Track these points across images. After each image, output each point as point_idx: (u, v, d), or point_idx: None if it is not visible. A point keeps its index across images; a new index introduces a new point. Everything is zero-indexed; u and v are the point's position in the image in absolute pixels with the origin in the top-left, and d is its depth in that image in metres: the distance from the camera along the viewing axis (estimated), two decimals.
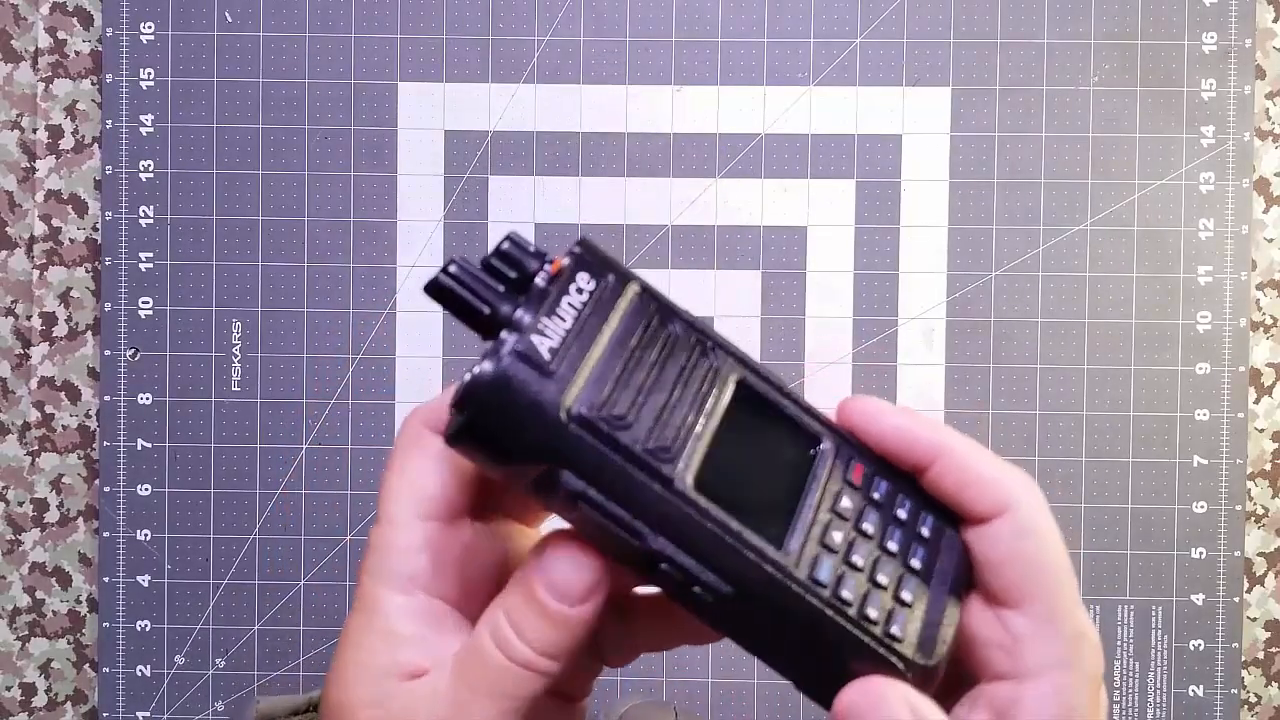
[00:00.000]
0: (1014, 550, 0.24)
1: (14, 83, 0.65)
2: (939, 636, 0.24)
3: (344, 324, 0.64)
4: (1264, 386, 0.65)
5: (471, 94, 0.64)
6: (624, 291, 0.24)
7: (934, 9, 0.64)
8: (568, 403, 0.22)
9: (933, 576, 0.25)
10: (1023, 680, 0.24)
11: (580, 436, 0.22)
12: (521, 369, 0.22)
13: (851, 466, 0.25)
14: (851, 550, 0.24)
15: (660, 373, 0.24)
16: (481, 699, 0.24)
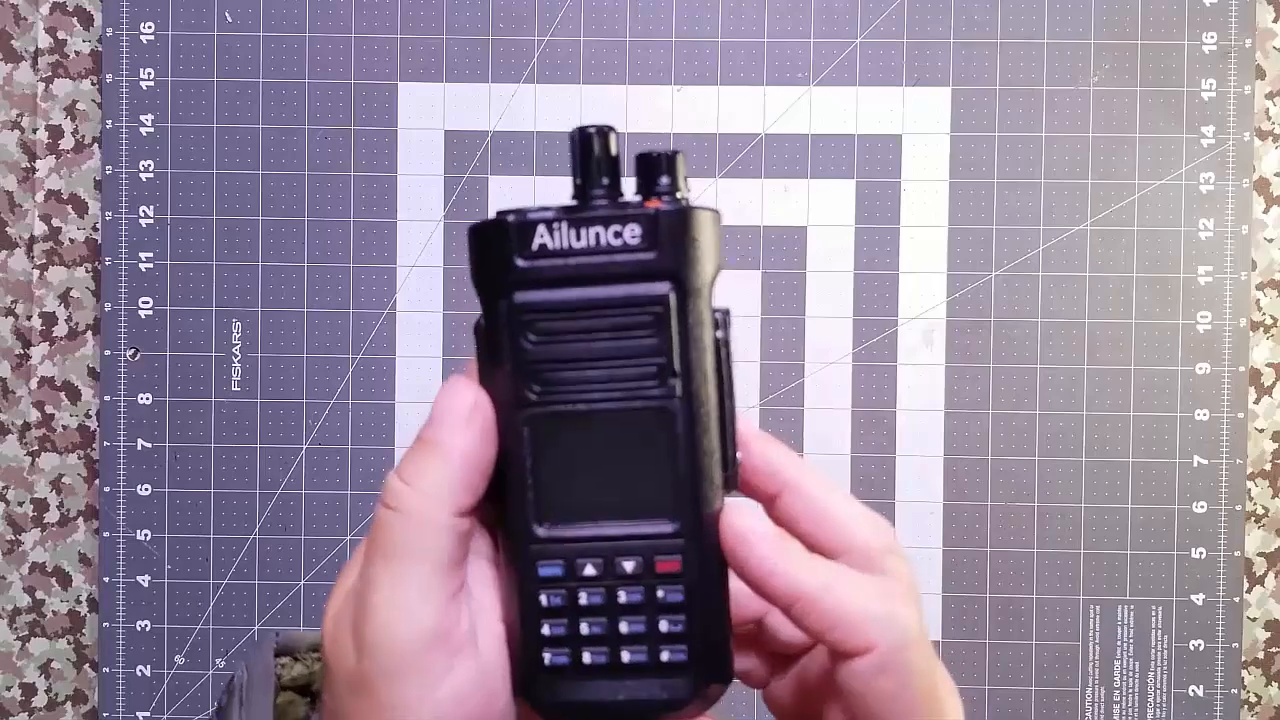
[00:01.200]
0: (871, 686, 0.25)
1: (14, 83, 0.65)
2: (571, 703, 0.25)
3: (344, 324, 0.64)
4: (1264, 386, 0.65)
5: (471, 94, 0.64)
6: (650, 277, 0.25)
7: (934, 9, 0.64)
8: (514, 283, 0.25)
9: (624, 678, 0.25)
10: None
11: (500, 311, 0.25)
12: (508, 233, 0.25)
13: (669, 558, 0.25)
14: (585, 587, 0.25)
15: (605, 343, 0.25)
16: (378, 557, 0.24)
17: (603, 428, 0.25)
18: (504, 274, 0.25)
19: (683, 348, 0.25)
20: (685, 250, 0.24)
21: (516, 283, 0.25)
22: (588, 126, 0.26)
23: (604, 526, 0.25)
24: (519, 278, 0.25)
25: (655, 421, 0.25)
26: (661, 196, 0.25)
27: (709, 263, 0.25)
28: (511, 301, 0.25)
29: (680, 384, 0.25)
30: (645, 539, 0.25)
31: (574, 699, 0.25)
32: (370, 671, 0.24)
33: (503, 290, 0.25)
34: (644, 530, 0.25)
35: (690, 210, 0.25)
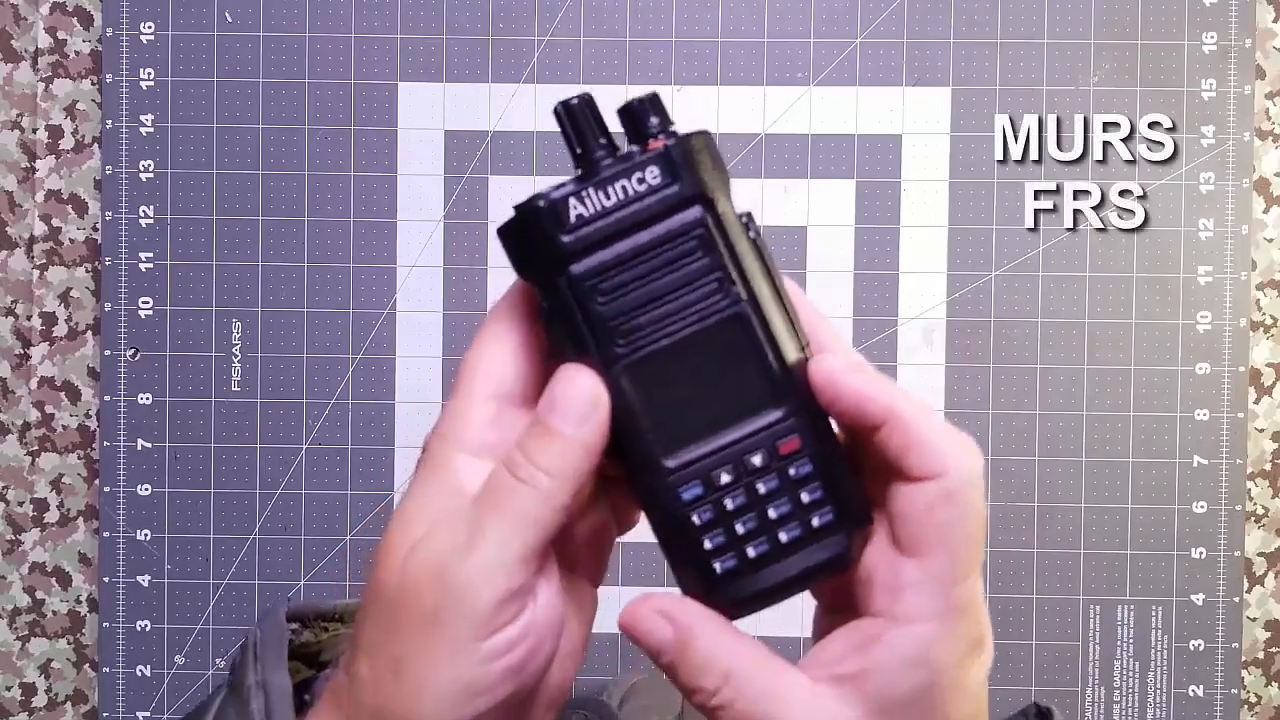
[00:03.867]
0: (930, 511, 0.26)
1: (14, 83, 0.65)
2: (753, 594, 0.27)
3: (344, 324, 0.64)
4: (1264, 386, 0.65)
5: (471, 94, 0.64)
6: (681, 206, 0.26)
7: (934, 9, 0.64)
8: (567, 260, 0.26)
9: (789, 555, 0.27)
10: (893, 622, 0.26)
11: (561, 292, 0.26)
12: (544, 217, 0.26)
13: (789, 438, 0.27)
14: (727, 493, 0.27)
15: (664, 279, 0.26)
16: (495, 521, 0.25)
17: (689, 353, 0.27)
18: (554, 254, 0.26)
19: (731, 257, 0.27)
20: (701, 172, 0.27)
21: (568, 257, 0.26)
22: (568, 100, 0.27)
23: (723, 435, 0.27)
24: (569, 252, 0.26)
25: (732, 329, 0.27)
26: (658, 135, 0.27)
27: (722, 175, 0.27)
28: (570, 275, 0.26)
29: (740, 288, 0.27)
30: (761, 431, 0.27)
31: (756, 590, 0.27)
32: (445, 611, 0.25)
33: (558, 269, 0.26)
34: (757, 424, 0.27)
35: (690, 137, 0.27)
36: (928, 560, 0.26)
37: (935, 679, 0.26)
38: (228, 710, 0.28)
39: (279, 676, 0.28)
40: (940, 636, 0.26)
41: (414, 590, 0.26)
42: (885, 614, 0.26)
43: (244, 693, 0.28)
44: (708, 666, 0.26)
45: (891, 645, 0.26)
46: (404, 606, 0.26)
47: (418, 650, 0.25)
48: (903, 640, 0.26)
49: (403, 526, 0.26)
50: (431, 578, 0.25)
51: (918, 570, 0.26)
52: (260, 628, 0.30)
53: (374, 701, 0.26)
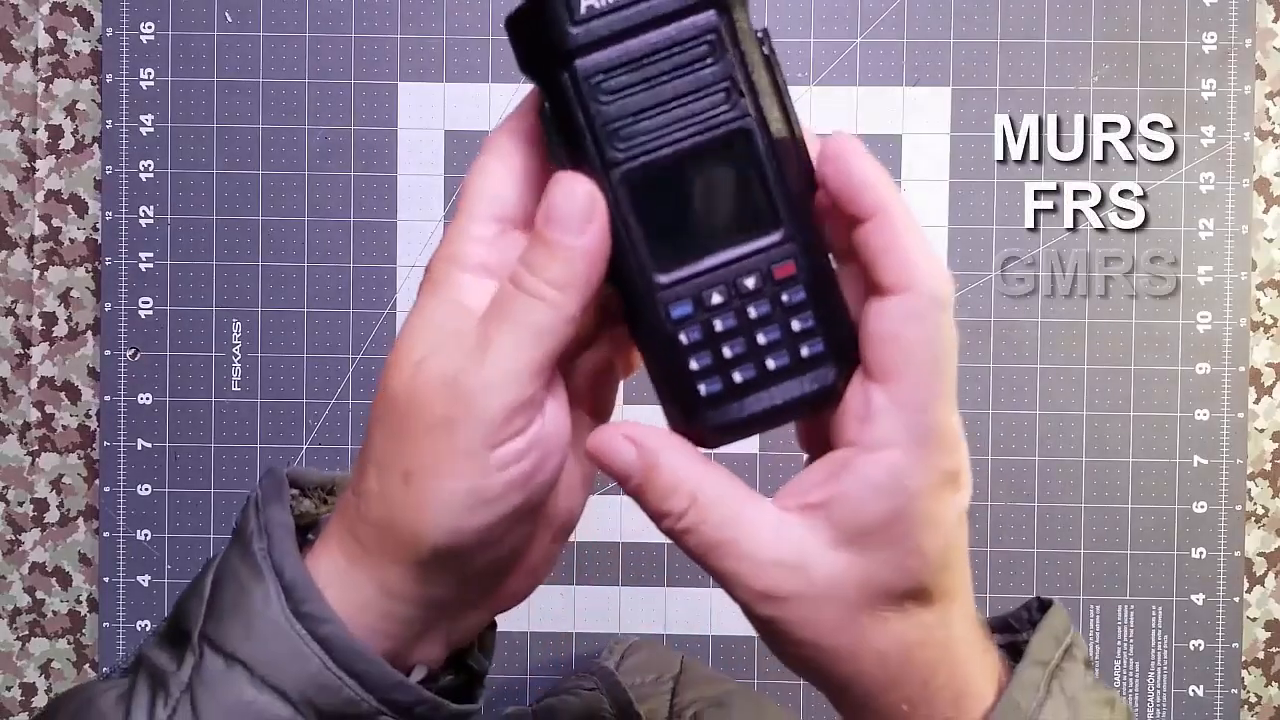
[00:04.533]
0: (898, 329, 0.25)
1: (14, 83, 0.65)
2: (736, 421, 0.27)
3: (344, 324, 0.64)
4: (1264, 386, 0.65)
5: (471, 94, 0.64)
6: (697, 9, 0.25)
7: (934, 9, 0.64)
8: (573, 52, 0.25)
9: (775, 384, 0.27)
10: (863, 449, 0.26)
11: (566, 84, 0.25)
12: (557, 3, 0.25)
13: (784, 263, 0.26)
14: (717, 314, 0.26)
15: (670, 85, 0.26)
16: (503, 331, 0.26)
17: (691, 164, 0.26)
18: (561, 45, 0.25)
19: (742, 67, 0.26)
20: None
21: (575, 50, 0.25)
22: None
23: (718, 255, 0.26)
24: (576, 44, 0.25)
25: (737, 142, 0.26)
26: None
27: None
28: (574, 69, 0.25)
29: (749, 101, 0.26)
30: (757, 254, 0.26)
31: (739, 417, 0.27)
32: (456, 420, 0.26)
33: (564, 61, 0.25)
34: (753, 247, 0.26)
35: None
36: (896, 385, 0.25)
37: (904, 506, 0.25)
38: (231, 555, 0.28)
39: (280, 514, 0.28)
40: (909, 463, 0.25)
41: (425, 400, 0.26)
42: (855, 442, 0.26)
43: (246, 537, 0.28)
44: (674, 490, 0.27)
45: (859, 471, 0.26)
46: (414, 417, 0.26)
47: (428, 459, 0.26)
48: (870, 467, 0.25)
49: (409, 342, 0.27)
50: (442, 387, 0.26)
51: (886, 396, 0.25)
52: (261, 485, 0.30)
53: (382, 513, 0.27)
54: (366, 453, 0.27)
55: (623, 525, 0.63)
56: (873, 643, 0.26)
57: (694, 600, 0.63)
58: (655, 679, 0.53)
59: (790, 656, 0.28)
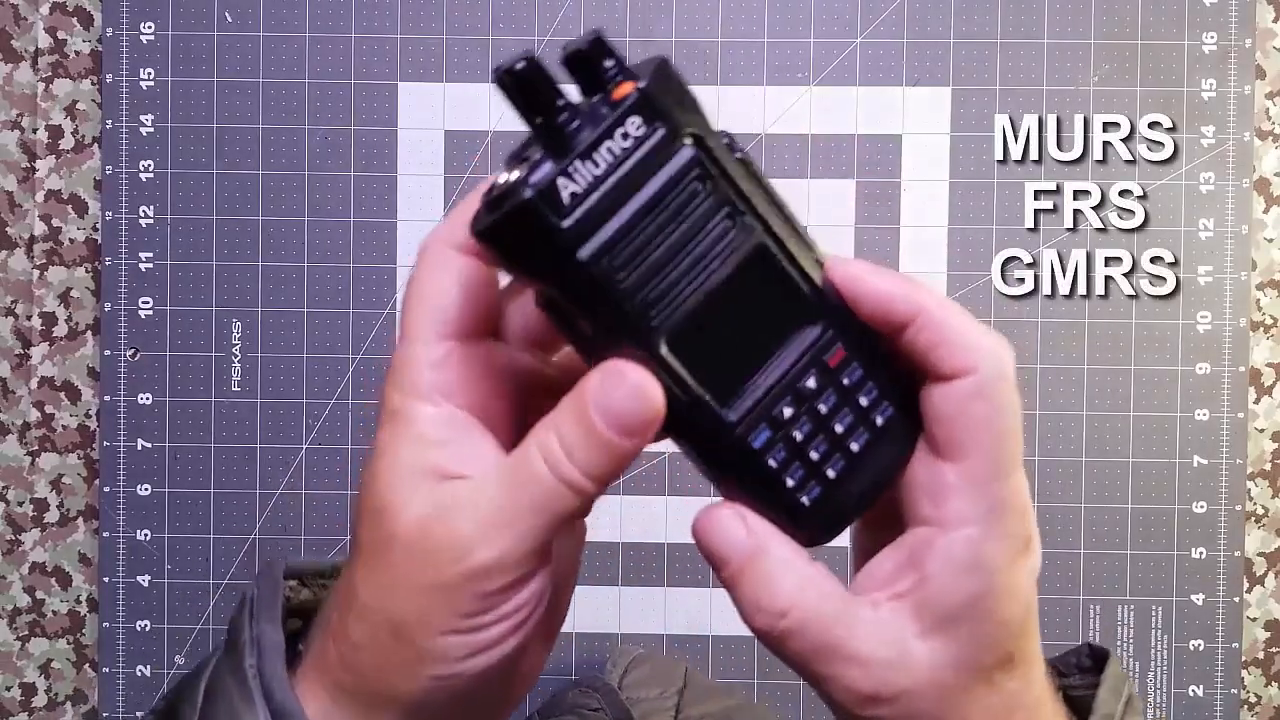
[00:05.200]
0: (963, 409, 0.25)
1: (14, 83, 0.65)
2: (846, 512, 0.27)
3: (344, 324, 0.64)
4: (1264, 386, 0.65)
5: (471, 94, 0.64)
6: (669, 146, 0.25)
7: (934, 9, 0.64)
8: (573, 246, 0.24)
9: (865, 463, 0.27)
10: (941, 528, 0.26)
11: (575, 283, 0.24)
12: (537, 206, 0.23)
13: (834, 350, 0.26)
14: (793, 426, 0.26)
15: (675, 233, 0.25)
16: (526, 513, 0.25)
17: (723, 297, 0.25)
18: (561, 245, 0.24)
19: (733, 187, 0.25)
20: (677, 106, 0.25)
21: (573, 243, 0.24)
22: (512, 65, 0.24)
23: (772, 370, 0.26)
24: (576, 237, 0.24)
25: (756, 259, 0.26)
26: (617, 79, 0.25)
27: (693, 100, 0.26)
28: (581, 262, 0.24)
29: (751, 217, 0.25)
30: (806, 352, 0.26)
31: (845, 507, 0.27)
32: (461, 586, 0.25)
33: (567, 258, 0.24)
34: (801, 348, 0.26)
35: (655, 70, 0.25)
36: (966, 461, 0.25)
37: (988, 582, 0.25)
38: (222, 668, 0.28)
39: (273, 632, 0.28)
40: (988, 538, 0.25)
41: (422, 561, 0.25)
42: (931, 521, 0.26)
43: (239, 649, 0.28)
44: (778, 584, 0.26)
45: (942, 552, 0.25)
46: (409, 574, 0.25)
47: (422, 615, 0.25)
48: (952, 546, 0.25)
49: (386, 491, 0.26)
50: (450, 553, 0.25)
51: (957, 473, 0.25)
52: (257, 584, 0.30)
53: (371, 665, 0.26)
54: (347, 602, 0.26)
55: (623, 525, 0.63)
56: (984, 707, 0.26)
57: (694, 600, 0.63)
58: (659, 694, 0.53)
59: None
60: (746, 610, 0.26)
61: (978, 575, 0.25)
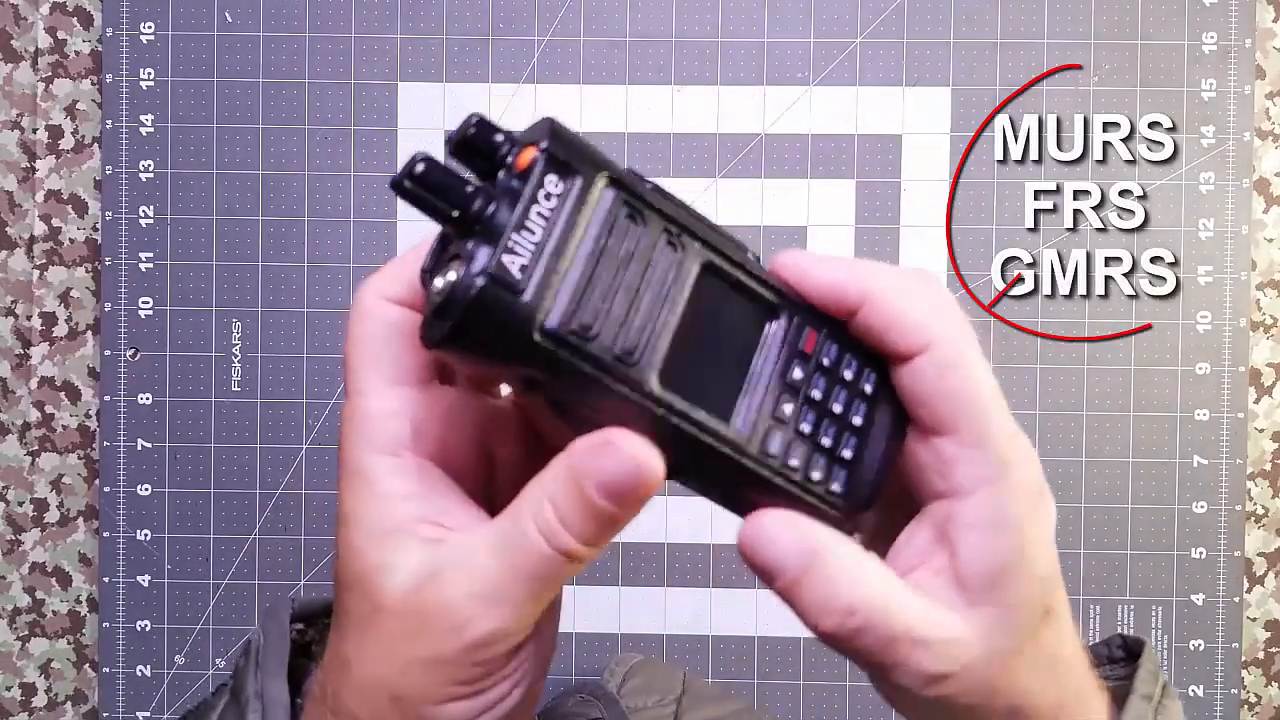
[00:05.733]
0: (936, 384, 0.26)
1: (14, 83, 0.65)
2: (871, 481, 0.27)
3: (344, 324, 0.64)
4: (1264, 386, 0.65)
5: (471, 94, 0.64)
6: (591, 192, 0.24)
7: (934, 9, 0.64)
8: (539, 319, 0.23)
9: (873, 429, 0.27)
10: (957, 497, 0.26)
11: (553, 351, 0.23)
12: (493, 290, 0.23)
13: (804, 336, 0.27)
14: (799, 420, 0.27)
15: (627, 273, 0.25)
16: (522, 581, 0.24)
17: (689, 320, 0.25)
18: (523, 319, 0.23)
19: (661, 214, 0.25)
20: (581, 156, 0.25)
21: (537, 314, 0.23)
22: (410, 171, 0.24)
23: (757, 375, 0.26)
24: (535, 308, 0.23)
25: (708, 275, 0.26)
26: (514, 150, 0.24)
27: (593, 147, 0.25)
28: (550, 331, 0.23)
29: (687, 236, 0.26)
30: (782, 347, 0.27)
31: (871, 480, 0.27)
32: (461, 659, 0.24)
33: (533, 332, 0.23)
34: (774, 345, 0.27)
35: (551, 131, 0.24)
36: (958, 433, 0.26)
37: (1018, 539, 0.25)
38: (227, 717, 0.28)
39: (277, 688, 0.28)
40: (1005, 495, 0.25)
41: (421, 634, 0.24)
42: (946, 494, 0.26)
43: (243, 702, 0.28)
44: (842, 586, 0.25)
45: (966, 520, 0.26)
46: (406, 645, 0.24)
47: (422, 684, 0.24)
48: (974, 511, 0.25)
49: (355, 556, 0.25)
50: (444, 626, 0.24)
51: (955, 445, 0.26)
52: (263, 631, 0.29)
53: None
54: (339, 675, 0.26)
55: None
56: (1026, 683, 0.26)
57: (694, 600, 0.63)
58: (658, 701, 0.53)
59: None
60: (812, 615, 0.25)
61: (1006, 534, 0.25)
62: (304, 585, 0.64)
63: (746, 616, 0.63)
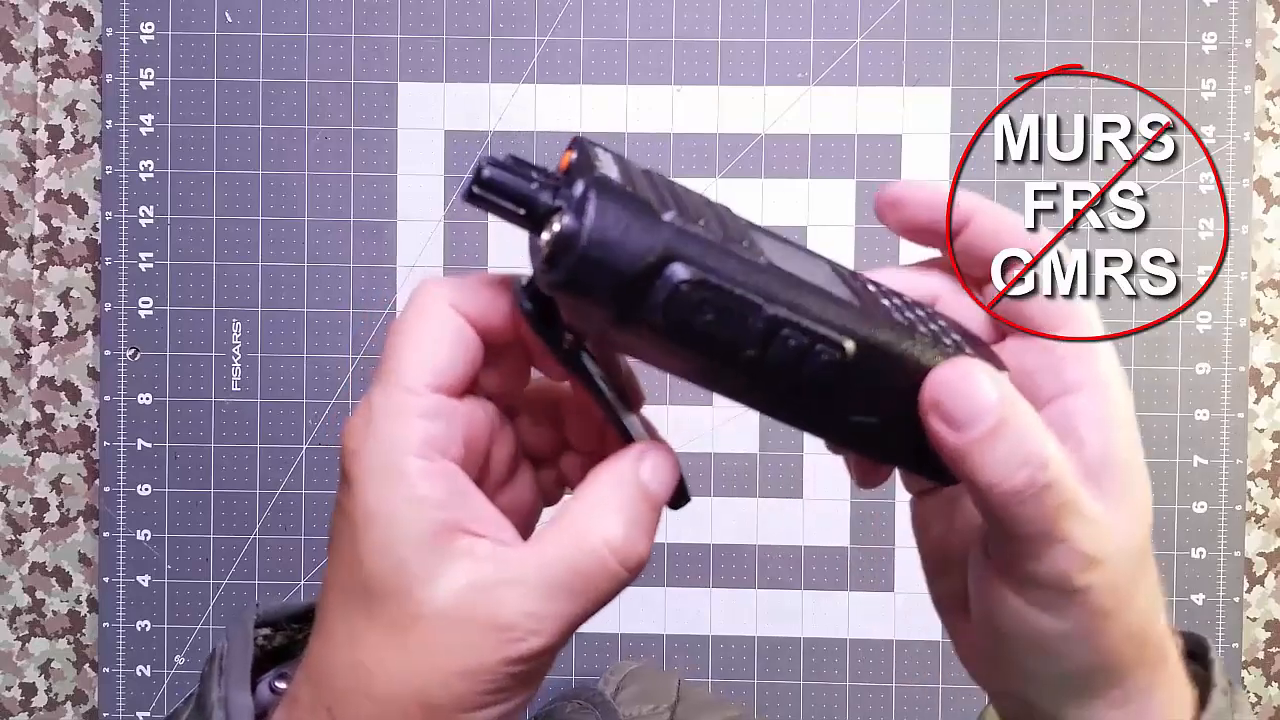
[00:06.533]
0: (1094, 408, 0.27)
1: (14, 83, 0.65)
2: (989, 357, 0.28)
3: (344, 324, 0.64)
4: (1264, 386, 0.65)
5: (471, 94, 0.64)
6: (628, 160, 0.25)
7: (934, 9, 0.64)
8: (658, 206, 0.24)
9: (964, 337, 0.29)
10: (1069, 395, 0.27)
11: (684, 228, 0.24)
12: (608, 193, 0.23)
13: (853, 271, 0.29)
14: (897, 310, 0.27)
15: (703, 203, 0.25)
16: (580, 600, 0.25)
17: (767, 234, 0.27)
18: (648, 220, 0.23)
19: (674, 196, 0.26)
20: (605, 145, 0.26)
21: (656, 213, 0.23)
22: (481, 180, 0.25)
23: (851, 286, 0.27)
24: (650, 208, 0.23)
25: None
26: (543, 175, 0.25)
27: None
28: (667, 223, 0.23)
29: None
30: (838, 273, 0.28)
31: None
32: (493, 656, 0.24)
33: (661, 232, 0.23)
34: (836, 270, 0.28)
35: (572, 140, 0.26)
36: (1068, 328, 0.29)
37: (1133, 434, 0.26)
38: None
39: (241, 696, 0.27)
40: (1113, 395, 0.27)
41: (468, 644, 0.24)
42: (1060, 392, 0.27)
43: (207, 709, 0.27)
44: (1038, 436, 0.24)
45: (1088, 413, 0.26)
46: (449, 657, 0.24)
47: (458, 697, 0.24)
48: (1093, 404, 0.26)
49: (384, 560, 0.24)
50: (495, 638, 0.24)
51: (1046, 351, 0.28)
52: (227, 638, 0.29)
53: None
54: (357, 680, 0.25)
55: None
56: (1145, 604, 0.26)
57: (694, 600, 0.63)
58: (652, 710, 0.53)
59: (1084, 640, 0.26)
60: (1004, 469, 0.24)
61: (1127, 427, 0.26)
62: (304, 585, 0.64)
63: (746, 616, 0.63)
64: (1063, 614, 0.25)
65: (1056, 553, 0.24)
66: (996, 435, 0.24)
